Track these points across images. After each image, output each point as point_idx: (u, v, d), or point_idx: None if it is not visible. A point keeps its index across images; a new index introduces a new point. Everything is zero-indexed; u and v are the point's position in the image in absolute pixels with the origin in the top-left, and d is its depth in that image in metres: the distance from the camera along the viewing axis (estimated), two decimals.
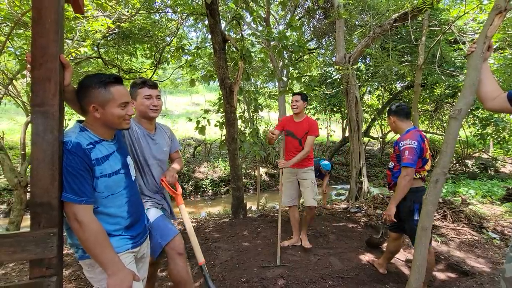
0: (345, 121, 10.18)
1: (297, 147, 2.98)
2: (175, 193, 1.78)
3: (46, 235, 0.95)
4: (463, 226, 3.65)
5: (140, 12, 5.16)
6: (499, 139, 7.73)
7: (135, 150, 1.64)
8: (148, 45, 6.56)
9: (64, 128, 1.10)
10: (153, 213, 1.65)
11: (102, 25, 4.17)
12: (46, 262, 0.95)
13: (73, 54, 4.46)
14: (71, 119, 9.16)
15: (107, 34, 4.90)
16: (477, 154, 10.38)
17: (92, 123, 1.17)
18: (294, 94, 3.10)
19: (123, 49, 6.47)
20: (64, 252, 2.89)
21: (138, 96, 1.67)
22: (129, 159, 1.35)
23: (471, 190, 5.89)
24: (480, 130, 7.91)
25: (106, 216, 1.18)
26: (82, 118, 1.23)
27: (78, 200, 1.04)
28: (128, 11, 5.02)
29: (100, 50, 5.69)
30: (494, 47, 6.04)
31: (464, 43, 5.07)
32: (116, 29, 5.05)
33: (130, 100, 1.24)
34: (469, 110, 7.58)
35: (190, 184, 8.69)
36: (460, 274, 2.63)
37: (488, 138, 8.01)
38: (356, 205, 4.84)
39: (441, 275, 2.59)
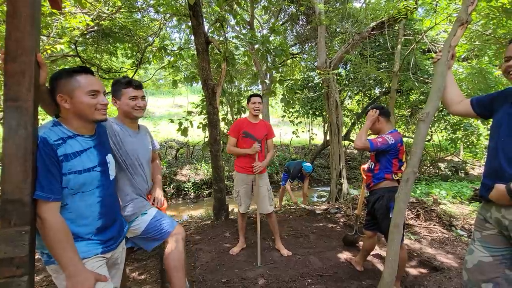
0: (326, 125, 10.44)
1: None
2: (159, 209, 1.81)
3: (17, 233, 0.92)
4: (434, 225, 3.85)
5: (121, 10, 5.05)
6: (468, 143, 8.22)
7: (121, 151, 1.60)
8: (129, 45, 6.42)
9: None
10: (153, 209, 1.71)
11: (80, 22, 4.05)
12: (16, 261, 0.92)
13: (49, 51, 4.29)
14: (45, 118, 8.74)
15: (85, 32, 4.76)
16: (449, 158, 10.98)
17: (65, 116, 1.15)
18: (253, 95, 2.95)
19: (102, 47, 6.31)
20: (36, 257, 2.76)
21: (122, 96, 1.65)
22: (110, 158, 1.31)
23: (443, 191, 6.21)
24: (451, 135, 8.38)
25: (75, 216, 1.14)
26: None
27: (45, 197, 1.02)
28: (108, 9, 4.90)
29: (78, 48, 5.51)
30: (462, 56, 6.46)
31: (436, 52, 5.39)
32: (96, 27, 4.92)
33: (102, 89, 1.20)
34: (441, 116, 8.06)
35: (171, 187, 8.53)
36: (431, 269, 2.77)
37: (459, 142, 8.51)
38: (336, 206, 4.97)
39: (413, 271, 2.72)
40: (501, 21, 4.26)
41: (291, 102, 5.42)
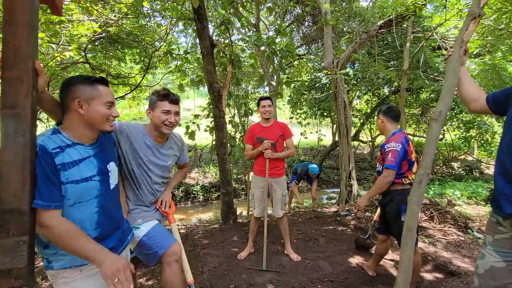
0: (335, 126, 10.30)
1: (271, 148, 2.81)
2: (166, 213, 1.76)
3: (15, 243, 0.90)
4: (449, 227, 3.71)
5: (128, 16, 5.12)
6: (482, 142, 7.94)
7: (131, 159, 1.57)
8: (137, 50, 6.51)
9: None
10: (149, 224, 1.63)
11: (88, 29, 4.11)
12: (15, 273, 0.90)
13: (59, 59, 4.38)
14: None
15: (93, 39, 4.85)
16: (462, 157, 10.64)
17: (71, 123, 1.14)
18: (263, 99, 2.90)
19: (111, 54, 6.40)
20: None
21: (156, 108, 1.60)
22: (112, 166, 1.28)
23: (457, 191, 6.01)
24: (464, 133, 8.12)
25: None
26: None
27: (45, 205, 1.01)
28: (115, 16, 4.98)
29: (87, 55, 5.61)
30: (474, 53, 6.25)
31: (446, 49, 5.24)
32: (103, 34, 5.00)
33: (115, 101, 1.23)
34: (453, 114, 7.82)
35: (180, 190, 8.57)
36: (447, 274, 2.66)
37: (472, 140, 8.23)
38: (346, 208, 4.86)
39: (428, 276, 2.62)
40: None
41: (298, 103, 5.36)
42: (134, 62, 7.63)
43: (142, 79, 6.83)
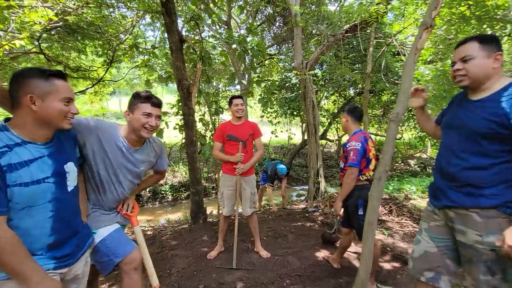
0: (304, 125, 10.60)
1: (242, 150, 2.85)
2: (129, 215, 1.67)
3: None
4: (406, 219, 4.03)
5: (88, 5, 4.77)
6: (435, 141, 8.73)
7: (98, 160, 1.46)
8: (100, 42, 6.09)
9: None
10: (107, 229, 1.52)
11: (42, 16, 3.76)
12: None
13: (7, 47, 3.95)
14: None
15: (48, 27, 4.44)
16: (418, 154, 11.60)
17: (22, 120, 1.03)
18: (235, 97, 2.91)
19: (69, 45, 5.93)
20: None
21: (136, 110, 1.49)
22: (70, 166, 1.18)
23: (413, 186, 6.54)
24: (419, 133, 8.86)
25: (21, 232, 1.01)
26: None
27: None
28: (74, 4, 4.61)
29: (42, 45, 5.13)
30: (428, 59, 6.82)
31: (404, 55, 5.66)
32: (60, 22, 4.60)
33: (74, 96, 1.14)
34: (410, 115, 8.46)
35: (148, 190, 8.23)
36: (404, 263, 2.88)
37: (426, 140, 9.02)
38: (314, 205, 5.05)
39: (387, 265, 2.82)
40: (460, 26, 4.55)
41: (269, 102, 5.43)
42: (96, 55, 7.13)
43: (106, 73, 6.43)
